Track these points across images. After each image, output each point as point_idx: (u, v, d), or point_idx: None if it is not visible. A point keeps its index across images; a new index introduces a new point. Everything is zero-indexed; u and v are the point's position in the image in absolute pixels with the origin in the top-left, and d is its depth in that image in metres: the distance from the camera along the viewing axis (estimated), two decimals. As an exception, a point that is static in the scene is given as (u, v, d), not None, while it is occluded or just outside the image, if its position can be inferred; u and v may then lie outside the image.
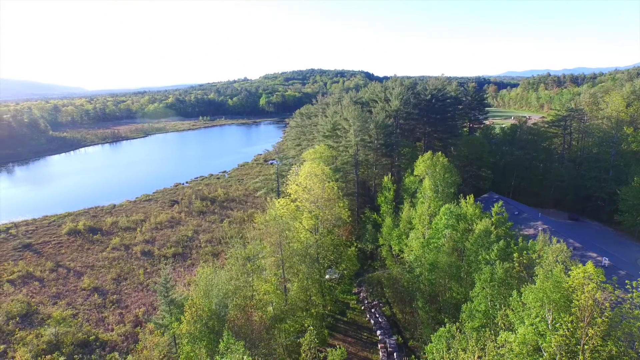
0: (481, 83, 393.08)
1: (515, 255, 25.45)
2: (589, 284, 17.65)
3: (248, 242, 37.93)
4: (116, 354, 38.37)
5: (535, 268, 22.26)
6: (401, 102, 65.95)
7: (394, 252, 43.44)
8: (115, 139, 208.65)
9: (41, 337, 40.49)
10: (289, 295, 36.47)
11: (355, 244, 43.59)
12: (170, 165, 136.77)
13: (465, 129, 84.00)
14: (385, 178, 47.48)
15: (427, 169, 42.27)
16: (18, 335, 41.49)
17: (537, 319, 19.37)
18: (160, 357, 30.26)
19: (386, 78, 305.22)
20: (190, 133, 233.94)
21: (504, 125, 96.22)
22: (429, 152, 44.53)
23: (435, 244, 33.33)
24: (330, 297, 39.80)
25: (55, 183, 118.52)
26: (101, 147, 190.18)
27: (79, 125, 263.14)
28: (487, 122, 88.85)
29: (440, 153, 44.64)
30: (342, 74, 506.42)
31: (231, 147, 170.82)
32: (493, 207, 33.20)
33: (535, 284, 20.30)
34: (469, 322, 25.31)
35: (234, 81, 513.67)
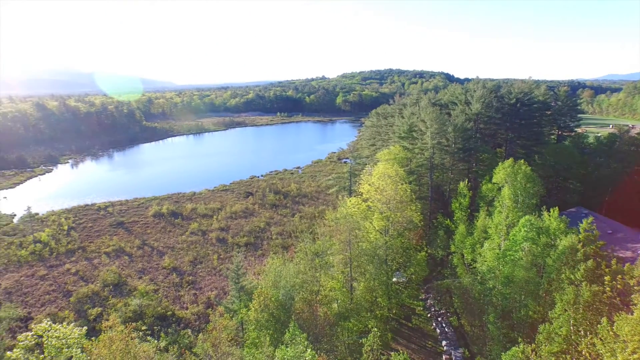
0: (575, 87, 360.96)
1: (607, 278, 23.18)
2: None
3: (317, 238, 38.69)
4: (189, 331, 41.20)
5: (633, 296, 20.11)
6: (482, 105, 62.87)
7: (466, 261, 41.69)
8: (199, 130, 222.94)
9: (128, 306, 44.82)
10: (355, 294, 36.60)
11: (425, 249, 42.49)
12: (247, 158, 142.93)
13: (552, 137, 77.83)
14: (461, 184, 45.68)
15: (507, 177, 39.93)
16: (111, 301, 46.40)
17: (635, 357, 17.45)
18: (228, 339, 31.95)
19: (467, 80, 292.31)
20: (267, 128, 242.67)
21: (599, 134, 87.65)
22: (511, 160, 42.05)
23: (512, 257, 31.45)
24: (396, 300, 39.24)
25: (145, 169, 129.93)
26: (186, 138, 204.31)
27: (168, 116, 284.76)
28: (579, 130, 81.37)
29: (522, 161, 41.97)
30: (420, 74, 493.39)
31: (306, 144, 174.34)
32: (581, 222, 30.53)
33: (633, 314, 18.34)
34: (546, 346, 23.54)
35: (312, 79, 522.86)
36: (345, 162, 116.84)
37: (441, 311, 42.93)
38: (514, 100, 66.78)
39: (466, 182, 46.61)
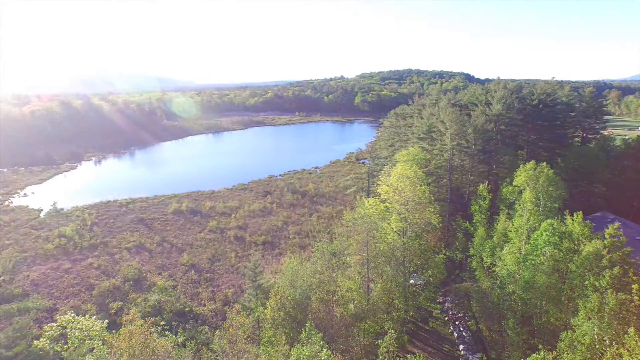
0: (601, 88, 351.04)
1: (634, 287, 22.46)
2: None
3: (335, 238, 38.72)
4: (206, 327, 41.67)
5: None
6: (503, 106, 61.76)
7: (485, 265, 41.09)
8: (218, 129, 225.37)
9: (148, 301, 45.66)
10: (371, 295, 36.47)
11: (443, 252, 42.10)
12: (265, 157, 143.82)
13: (577, 139, 75.86)
14: (481, 186, 45.01)
15: (528, 179, 39.23)
16: (131, 296, 47.38)
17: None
18: (244, 336, 32.22)
19: (488, 80, 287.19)
20: (286, 127, 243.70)
21: (627, 137, 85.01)
22: (532, 162, 41.29)
23: (533, 261, 30.85)
24: (413, 302, 38.93)
25: (166, 167, 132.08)
26: (205, 137, 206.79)
27: (188, 115, 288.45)
28: (605, 132, 79.10)
29: (545, 163, 41.18)
30: (440, 75, 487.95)
31: (324, 144, 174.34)
32: (607, 228, 29.69)
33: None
34: (568, 354, 22.93)
35: (331, 79, 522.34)
36: (363, 163, 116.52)
37: (459, 315, 42.40)
38: (536, 101, 65.43)
39: (486, 185, 45.93)
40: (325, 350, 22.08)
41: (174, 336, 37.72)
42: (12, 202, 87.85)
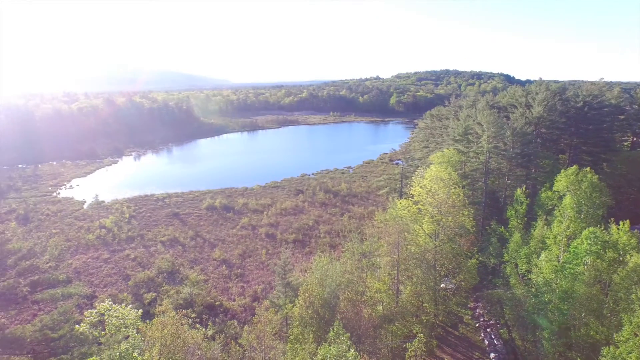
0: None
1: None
2: None
3: (365, 239, 38.46)
4: (235, 322, 42.43)
5: None
6: (545, 108, 59.39)
7: (519, 271, 39.67)
8: (253, 128, 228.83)
9: (180, 293, 46.91)
10: (401, 297, 36.02)
11: (476, 256, 40.92)
12: (298, 156, 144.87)
13: (625, 144, 72.08)
14: (519, 190, 43.50)
15: (570, 185, 37.53)
16: (164, 288, 48.87)
17: None
18: (272, 333, 32.57)
19: (529, 82, 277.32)
20: (320, 127, 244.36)
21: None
22: (575, 167, 39.51)
23: (572, 271, 29.46)
24: (444, 307, 38.13)
25: (201, 163, 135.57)
26: (240, 135, 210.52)
27: (224, 113, 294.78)
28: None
29: (588, 169, 39.32)
30: (478, 76, 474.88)
31: (357, 144, 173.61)
32: (656, 239, 27.99)
33: None
34: (610, 370, 21.79)
35: (366, 79, 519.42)
36: (396, 164, 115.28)
37: (491, 322, 41.17)
38: (581, 103, 62.63)
39: (524, 189, 44.37)
40: (352, 350, 21.96)
41: (204, 329, 38.63)
42: (59, 193, 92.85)
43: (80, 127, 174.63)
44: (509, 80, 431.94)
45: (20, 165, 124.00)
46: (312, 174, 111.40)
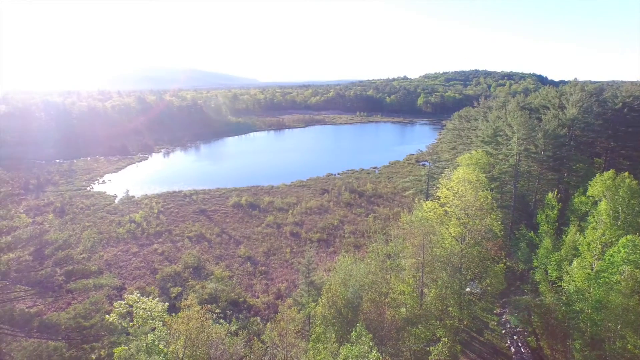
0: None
1: None
2: None
3: (390, 240, 38.10)
4: (258, 319, 42.83)
5: None
6: (580, 110, 57.32)
7: (549, 278, 38.46)
8: (279, 127, 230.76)
9: (205, 288, 47.75)
10: (425, 300, 35.52)
11: (504, 261, 39.91)
12: (324, 155, 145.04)
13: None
14: (550, 194, 42.14)
15: (605, 190, 36.05)
16: (190, 282, 49.84)
17: None
18: (295, 331, 32.71)
19: (563, 82, 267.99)
20: (346, 127, 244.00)
21: None
22: (611, 171, 37.91)
23: (607, 280, 28.30)
24: (469, 311, 37.34)
25: (228, 161, 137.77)
26: (266, 133, 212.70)
27: (251, 112, 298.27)
28: None
29: (627, 173, 37.62)
30: (509, 76, 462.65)
31: (384, 144, 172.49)
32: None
33: None
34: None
35: (393, 79, 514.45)
36: (423, 165, 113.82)
37: (518, 329, 40.10)
38: (619, 104, 60.16)
39: (555, 193, 42.97)
40: (374, 352, 21.81)
41: (227, 324, 39.17)
42: (92, 187, 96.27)
43: (113, 124, 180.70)
44: (542, 80, 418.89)
45: (57, 160, 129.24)
46: (338, 174, 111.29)
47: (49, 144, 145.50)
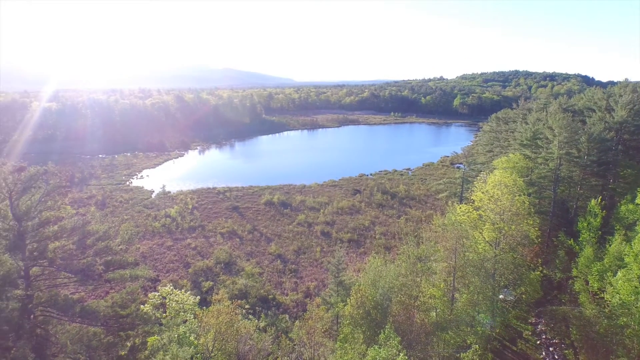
0: None
1: None
2: None
3: (422, 242, 37.51)
4: (287, 316, 43.11)
5: None
6: (630, 112, 54.33)
7: (590, 289, 36.72)
8: (313, 126, 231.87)
9: (235, 284, 48.57)
10: (456, 305, 34.73)
11: (540, 269, 38.47)
12: (357, 155, 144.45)
13: None
14: (593, 201, 40.22)
15: (656, 198, 34.11)
16: (221, 277, 50.85)
17: None
18: (322, 330, 32.80)
19: (611, 83, 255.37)
20: (380, 127, 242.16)
21: None
22: (663, 178, 35.85)
23: (655, 293, 26.77)
24: (501, 319, 36.26)
25: (261, 159, 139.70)
26: (300, 132, 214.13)
27: (286, 111, 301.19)
28: None
29: (680, 181, 35.51)
30: (552, 77, 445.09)
31: (418, 146, 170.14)
32: None
33: None
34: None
35: (429, 79, 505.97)
36: (458, 167, 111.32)
37: (554, 340, 38.51)
38: (673, 108, 56.49)
39: (599, 200, 40.96)
40: (402, 355, 21.55)
41: (256, 320, 39.79)
42: (131, 182, 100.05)
43: (151, 121, 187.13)
44: (587, 81, 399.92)
45: (100, 155, 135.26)
46: (370, 175, 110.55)
47: (93, 139, 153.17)
